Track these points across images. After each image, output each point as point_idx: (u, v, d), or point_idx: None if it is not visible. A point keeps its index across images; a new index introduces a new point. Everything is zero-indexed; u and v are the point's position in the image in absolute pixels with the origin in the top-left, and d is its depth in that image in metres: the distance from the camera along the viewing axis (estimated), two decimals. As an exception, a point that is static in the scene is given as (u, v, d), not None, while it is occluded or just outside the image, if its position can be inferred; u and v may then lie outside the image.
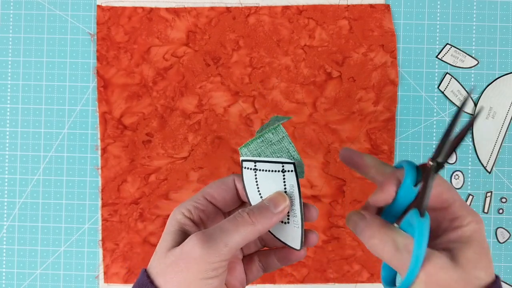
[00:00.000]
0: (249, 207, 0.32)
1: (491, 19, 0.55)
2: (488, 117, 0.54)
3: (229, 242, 0.30)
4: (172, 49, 0.55)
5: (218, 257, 0.30)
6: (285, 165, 0.33)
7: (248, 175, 0.34)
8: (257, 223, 0.31)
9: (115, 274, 0.55)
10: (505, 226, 0.54)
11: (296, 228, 0.34)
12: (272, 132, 0.34)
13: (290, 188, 0.33)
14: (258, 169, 0.33)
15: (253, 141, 0.34)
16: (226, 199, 0.35)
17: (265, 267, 0.37)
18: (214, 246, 0.29)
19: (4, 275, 0.55)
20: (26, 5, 0.55)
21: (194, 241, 0.30)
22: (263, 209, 0.32)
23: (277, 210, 0.32)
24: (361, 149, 0.54)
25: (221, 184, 0.35)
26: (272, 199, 0.33)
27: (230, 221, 0.31)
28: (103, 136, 0.55)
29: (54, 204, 0.55)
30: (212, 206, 0.34)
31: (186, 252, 0.30)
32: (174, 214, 0.33)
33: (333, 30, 0.55)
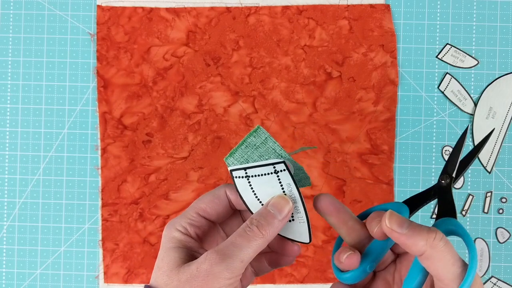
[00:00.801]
0: (256, 218, 0.32)
1: (491, 19, 0.55)
2: (488, 117, 0.54)
3: (244, 258, 0.31)
4: (172, 49, 0.55)
5: (235, 273, 0.30)
6: (276, 165, 0.32)
7: (241, 184, 0.33)
8: (266, 234, 0.31)
9: (115, 274, 0.55)
10: (505, 226, 0.54)
11: (302, 223, 0.34)
12: (254, 136, 0.33)
13: (287, 187, 0.33)
14: (250, 175, 0.33)
15: (237, 148, 0.33)
16: (219, 212, 0.35)
17: (257, 271, 0.37)
18: (231, 264, 0.30)
19: (4, 275, 0.55)
20: (26, 5, 0.55)
21: (211, 260, 0.30)
22: (270, 217, 0.32)
23: (283, 215, 0.32)
24: (361, 149, 0.54)
25: (213, 198, 0.35)
26: (275, 205, 0.32)
27: (241, 236, 0.31)
28: (103, 136, 0.55)
29: (54, 204, 0.55)
30: (206, 220, 0.34)
31: (204, 269, 0.30)
32: (170, 231, 0.33)
33: (333, 30, 0.55)
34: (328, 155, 0.54)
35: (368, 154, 0.54)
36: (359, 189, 0.54)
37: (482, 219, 0.55)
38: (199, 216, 0.34)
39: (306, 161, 0.54)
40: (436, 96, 0.55)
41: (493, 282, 0.54)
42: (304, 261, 0.55)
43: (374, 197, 0.54)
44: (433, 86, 0.55)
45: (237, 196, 0.34)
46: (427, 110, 0.55)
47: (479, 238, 0.54)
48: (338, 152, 0.54)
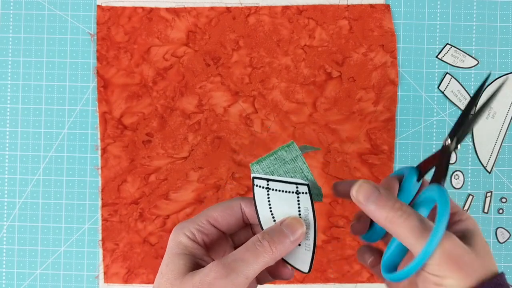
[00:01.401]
0: (268, 233, 0.32)
1: (491, 19, 0.55)
2: (488, 117, 0.54)
3: (249, 274, 0.30)
4: (172, 49, 0.55)
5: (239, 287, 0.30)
6: (299, 186, 0.32)
7: (259, 194, 0.33)
8: (276, 251, 0.31)
9: (115, 274, 0.55)
10: (505, 226, 0.54)
11: (307, 251, 0.33)
12: (285, 150, 0.33)
13: (304, 211, 0.32)
14: (271, 188, 0.33)
15: (266, 158, 0.33)
16: (230, 224, 0.34)
17: (258, 279, 0.36)
18: (235, 280, 0.30)
19: (4, 275, 0.55)
20: (26, 5, 0.55)
21: (216, 272, 0.30)
22: (282, 236, 0.32)
23: (295, 237, 0.32)
24: (361, 149, 0.54)
25: (226, 209, 0.34)
26: (289, 225, 0.32)
27: (250, 251, 0.31)
28: (103, 136, 0.55)
29: (54, 204, 0.55)
30: (215, 229, 0.34)
31: (207, 282, 0.30)
32: (178, 236, 0.33)
33: (333, 30, 0.55)
34: (328, 155, 0.54)
35: (368, 154, 0.54)
36: (359, 189, 0.54)
37: (482, 219, 0.55)
38: (209, 224, 0.34)
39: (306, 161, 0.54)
40: (436, 96, 0.55)
41: (493, 282, 0.54)
42: (304, 261, 0.55)
43: (374, 197, 0.54)
44: (433, 86, 0.55)
45: (252, 209, 0.34)
46: (427, 110, 0.55)
47: (479, 238, 0.54)
48: (338, 152, 0.54)
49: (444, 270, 0.28)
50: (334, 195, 0.36)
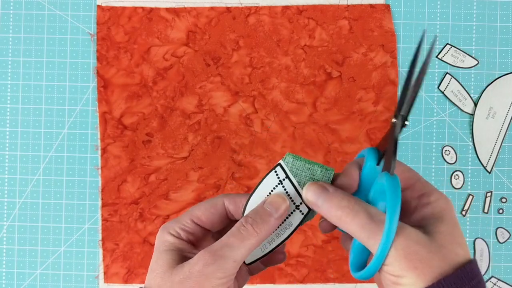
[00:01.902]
0: (250, 216, 0.32)
1: (491, 19, 0.55)
2: (488, 117, 0.54)
3: (237, 258, 0.30)
4: (172, 49, 0.55)
5: (227, 273, 0.30)
6: (302, 205, 0.33)
7: (270, 180, 0.33)
8: (260, 232, 0.31)
9: (115, 274, 0.55)
10: (505, 226, 0.54)
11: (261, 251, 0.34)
12: (321, 169, 0.33)
13: (288, 223, 0.33)
14: (283, 185, 0.33)
15: (302, 160, 0.33)
16: (214, 222, 0.35)
17: (251, 270, 0.37)
18: (224, 265, 0.30)
19: (4, 275, 0.55)
20: (26, 5, 0.55)
21: (203, 260, 0.30)
22: (265, 215, 0.32)
23: (279, 213, 0.32)
24: (361, 149, 0.54)
25: (210, 207, 0.34)
26: (272, 203, 0.32)
27: (235, 236, 0.31)
28: (103, 136, 0.55)
29: (54, 204, 0.55)
30: (199, 228, 0.34)
31: (196, 270, 0.30)
32: (163, 235, 0.33)
33: (333, 30, 0.55)
34: (328, 155, 0.54)
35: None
36: (359, 189, 0.54)
37: (482, 219, 0.55)
38: (192, 223, 0.34)
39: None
40: (436, 96, 0.55)
41: (493, 282, 0.54)
42: (304, 261, 0.55)
43: (374, 197, 0.54)
44: (433, 86, 0.55)
45: (234, 206, 0.34)
46: (427, 110, 0.55)
47: (479, 238, 0.54)
48: (338, 152, 0.54)
49: (400, 270, 0.27)
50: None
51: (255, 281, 0.55)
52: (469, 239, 0.55)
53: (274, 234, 0.33)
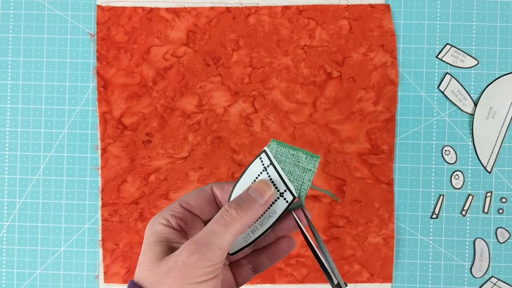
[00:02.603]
0: (235, 201, 0.32)
1: (491, 19, 0.55)
2: (488, 117, 0.54)
3: (222, 245, 0.30)
4: (172, 49, 0.55)
5: (213, 261, 0.30)
6: (287, 192, 0.32)
7: (255, 167, 0.33)
8: (245, 217, 0.31)
9: (115, 274, 0.55)
10: (505, 226, 0.54)
11: (245, 241, 0.33)
12: (306, 156, 0.33)
13: (272, 212, 0.33)
14: (267, 171, 0.33)
15: (286, 146, 0.33)
16: (203, 206, 0.34)
17: (256, 268, 0.36)
18: (208, 252, 0.30)
19: (4, 275, 0.55)
20: (26, 5, 0.55)
21: (188, 250, 0.30)
22: (250, 201, 0.32)
23: (264, 199, 0.32)
24: (361, 149, 0.54)
25: (198, 192, 0.35)
26: (257, 189, 0.32)
27: (218, 222, 0.31)
28: (103, 136, 0.55)
29: (54, 204, 0.55)
30: (189, 213, 0.34)
31: (180, 261, 0.30)
32: (153, 225, 0.33)
33: (333, 30, 0.55)
34: (328, 155, 0.54)
35: (368, 154, 0.54)
36: (359, 189, 0.54)
37: (482, 219, 0.55)
38: (181, 208, 0.34)
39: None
40: (436, 96, 0.55)
41: (493, 282, 0.54)
42: (304, 261, 0.55)
43: (374, 197, 0.54)
44: (433, 86, 0.55)
45: (222, 192, 0.34)
46: (427, 110, 0.55)
47: (479, 238, 0.54)
48: (338, 152, 0.54)
49: None
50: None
51: (255, 281, 0.55)
52: (469, 239, 0.55)
53: (257, 223, 0.33)
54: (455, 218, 0.55)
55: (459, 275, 0.54)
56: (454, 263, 0.54)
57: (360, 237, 0.54)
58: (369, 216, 0.54)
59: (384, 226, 0.54)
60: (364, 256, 0.54)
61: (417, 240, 0.55)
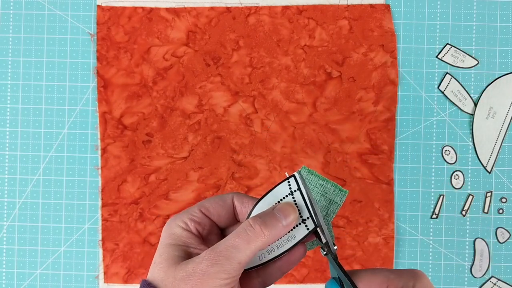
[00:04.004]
0: (260, 217, 0.32)
1: (491, 19, 0.55)
2: (488, 117, 0.54)
3: (242, 260, 0.30)
4: (172, 49, 0.55)
5: (231, 274, 0.30)
6: (309, 220, 0.32)
7: (282, 189, 0.33)
8: (268, 235, 0.31)
9: (115, 274, 0.55)
10: (505, 226, 0.54)
11: (259, 260, 0.33)
12: (334, 188, 0.33)
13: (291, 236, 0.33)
14: (293, 196, 0.33)
15: (317, 176, 0.33)
16: (221, 215, 0.35)
17: (265, 281, 0.36)
18: (228, 266, 0.30)
19: (4, 275, 0.55)
20: (26, 5, 0.55)
21: (208, 260, 0.30)
22: (274, 220, 0.32)
23: (287, 222, 0.32)
24: (361, 149, 0.54)
25: (219, 200, 0.35)
26: (282, 210, 0.32)
27: (241, 237, 0.31)
28: (103, 136, 0.55)
29: (54, 204, 0.55)
30: (207, 219, 0.34)
31: (200, 269, 0.30)
32: (171, 227, 0.33)
33: (333, 30, 0.55)
34: (328, 155, 0.54)
35: (368, 154, 0.54)
36: (359, 189, 0.54)
37: (482, 219, 0.55)
38: (200, 213, 0.34)
39: (306, 161, 0.54)
40: (436, 96, 0.55)
41: (493, 282, 0.54)
42: (304, 261, 0.55)
43: (374, 197, 0.54)
44: (433, 86, 0.55)
45: (241, 204, 0.34)
46: (427, 110, 0.55)
47: (479, 238, 0.54)
48: (338, 152, 0.54)
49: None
50: None
51: (255, 281, 0.55)
52: (469, 239, 0.55)
53: (275, 244, 0.33)
54: (455, 218, 0.55)
55: (459, 275, 0.54)
56: (454, 263, 0.54)
57: (360, 237, 0.54)
58: (369, 216, 0.54)
59: (384, 226, 0.54)
60: (364, 256, 0.54)
61: (417, 240, 0.55)
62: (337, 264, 0.31)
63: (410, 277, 0.32)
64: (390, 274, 0.32)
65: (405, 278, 0.32)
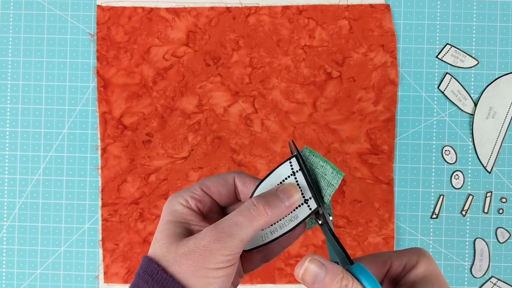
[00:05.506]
0: (263, 197, 0.32)
1: (491, 19, 0.55)
2: (488, 117, 0.54)
3: (244, 238, 0.30)
4: (172, 49, 0.55)
5: (233, 251, 0.30)
6: (311, 200, 0.33)
7: (284, 169, 0.33)
8: (271, 214, 0.31)
9: (115, 274, 0.55)
10: (505, 226, 0.54)
11: (262, 240, 0.33)
12: (333, 170, 0.33)
13: (294, 216, 0.33)
14: (295, 176, 0.33)
15: (318, 156, 0.33)
16: (222, 193, 0.35)
17: (267, 256, 0.36)
18: (230, 243, 0.30)
19: (4, 275, 0.55)
20: (26, 5, 0.55)
21: (210, 236, 0.30)
22: (277, 200, 0.32)
23: (290, 202, 0.32)
24: (361, 149, 0.54)
25: (220, 179, 0.35)
26: (285, 190, 0.32)
27: (244, 214, 0.31)
28: (103, 136, 0.55)
29: (54, 204, 0.55)
30: (208, 197, 0.35)
31: (202, 245, 0.30)
32: (172, 204, 0.33)
33: (333, 30, 0.55)
34: (328, 155, 0.54)
35: (368, 154, 0.54)
36: (359, 189, 0.54)
37: (482, 219, 0.55)
38: (201, 191, 0.34)
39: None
40: (436, 96, 0.55)
41: (493, 282, 0.54)
42: (304, 261, 0.55)
43: (374, 197, 0.54)
44: (433, 86, 0.55)
45: (243, 184, 0.34)
46: (427, 110, 0.55)
47: (479, 238, 0.54)
48: (338, 152, 0.54)
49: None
50: None
51: (255, 281, 0.55)
52: (469, 239, 0.55)
53: (277, 225, 0.33)
54: (455, 218, 0.55)
55: (459, 275, 0.54)
56: (454, 263, 0.54)
57: (360, 237, 0.54)
58: (369, 216, 0.54)
59: (384, 226, 0.54)
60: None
61: (417, 240, 0.55)
62: (332, 235, 0.32)
63: (413, 253, 0.32)
64: (392, 253, 0.33)
65: (408, 254, 0.32)
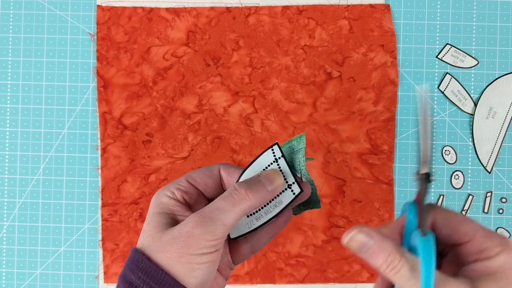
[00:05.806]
0: (245, 182, 0.32)
1: (491, 19, 0.55)
2: (488, 117, 0.54)
3: (227, 222, 0.31)
4: (172, 49, 0.55)
5: (217, 236, 0.31)
6: (295, 185, 0.33)
7: (267, 157, 0.34)
8: (253, 198, 0.32)
9: (115, 274, 0.55)
10: (505, 226, 0.54)
11: (248, 227, 0.34)
12: (295, 140, 0.35)
13: (279, 200, 0.34)
14: (278, 163, 0.34)
15: (285, 144, 0.35)
16: (208, 184, 0.35)
17: (255, 245, 0.36)
18: (212, 227, 0.30)
19: (4, 275, 0.55)
20: (26, 5, 0.55)
21: (193, 222, 0.31)
22: (259, 185, 0.32)
23: (273, 187, 0.33)
24: (361, 149, 0.54)
25: (206, 171, 0.36)
26: (268, 176, 0.33)
27: (226, 199, 0.32)
28: (103, 136, 0.55)
29: (54, 204, 0.55)
30: (194, 188, 0.35)
31: (185, 231, 0.31)
32: (158, 197, 0.34)
33: (333, 30, 0.55)
34: (328, 155, 0.55)
35: (368, 154, 0.54)
36: (359, 189, 0.54)
37: (482, 219, 0.55)
38: (187, 183, 0.35)
39: (306, 161, 0.54)
40: (436, 96, 0.55)
41: (493, 282, 0.54)
42: (304, 261, 0.55)
43: (374, 197, 0.54)
44: (433, 86, 0.55)
45: (228, 174, 0.35)
46: (427, 110, 0.55)
47: (479, 238, 0.54)
48: (338, 152, 0.54)
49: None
50: None
51: (255, 281, 0.55)
52: (469, 239, 0.55)
53: (262, 211, 0.34)
54: (455, 218, 0.54)
55: (459, 275, 0.54)
56: (454, 263, 0.54)
57: (360, 237, 0.54)
58: (369, 216, 0.54)
59: (384, 226, 0.54)
60: (364, 256, 0.54)
61: (417, 240, 0.55)
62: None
63: (498, 243, 0.29)
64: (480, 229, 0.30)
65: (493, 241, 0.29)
